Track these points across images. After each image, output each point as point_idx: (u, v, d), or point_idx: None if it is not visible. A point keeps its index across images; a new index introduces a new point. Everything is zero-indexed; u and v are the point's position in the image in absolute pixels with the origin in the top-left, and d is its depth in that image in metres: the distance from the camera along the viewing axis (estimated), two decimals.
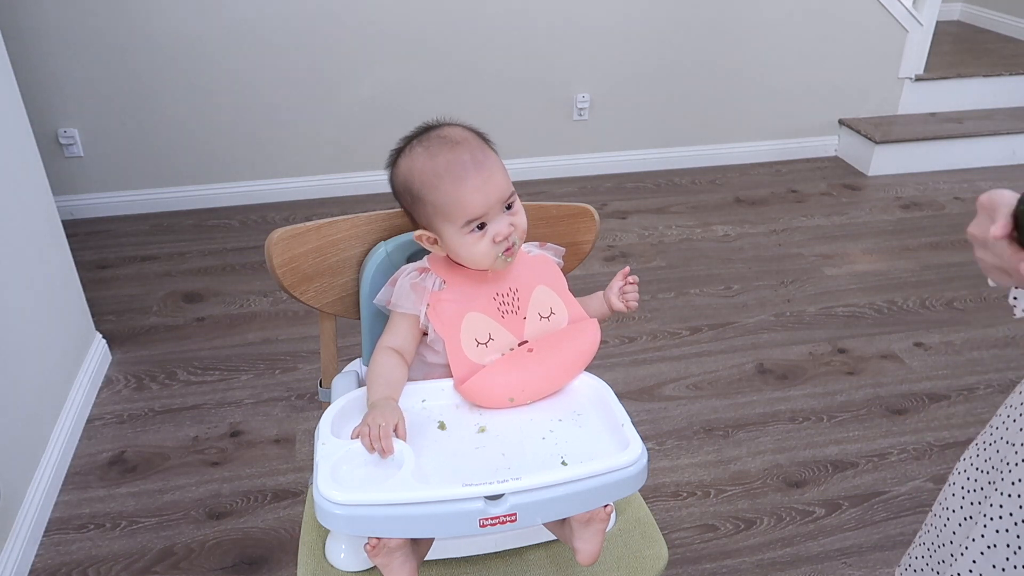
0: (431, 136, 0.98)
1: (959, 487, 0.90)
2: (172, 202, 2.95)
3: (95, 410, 1.96)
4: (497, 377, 0.97)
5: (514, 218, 0.96)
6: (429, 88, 2.96)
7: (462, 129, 0.99)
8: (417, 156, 0.96)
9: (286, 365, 2.13)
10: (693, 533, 1.64)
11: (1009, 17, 4.17)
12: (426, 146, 0.96)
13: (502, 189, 0.95)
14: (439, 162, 0.94)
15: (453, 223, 0.94)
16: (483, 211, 0.94)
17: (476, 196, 0.93)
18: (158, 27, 2.66)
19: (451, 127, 0.99)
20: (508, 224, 0.95)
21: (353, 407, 0.96)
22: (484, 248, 0.95)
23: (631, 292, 1.06)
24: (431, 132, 0.99)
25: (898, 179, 3.28)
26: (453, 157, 0.94)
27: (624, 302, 1.06)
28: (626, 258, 2.67)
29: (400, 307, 0.99)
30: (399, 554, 0.86)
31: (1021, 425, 0.80)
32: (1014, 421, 0.82)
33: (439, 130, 0.99)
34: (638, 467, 0.86)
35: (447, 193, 0.93)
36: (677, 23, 3.06)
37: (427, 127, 1.00)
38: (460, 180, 0.93)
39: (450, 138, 0.96)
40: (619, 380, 2.07)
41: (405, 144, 1.00)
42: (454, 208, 0.93)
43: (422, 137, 0.98)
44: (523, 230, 0.98)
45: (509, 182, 0.97)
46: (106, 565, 1.56)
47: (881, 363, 2.15)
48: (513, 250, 0.97)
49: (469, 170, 0.93)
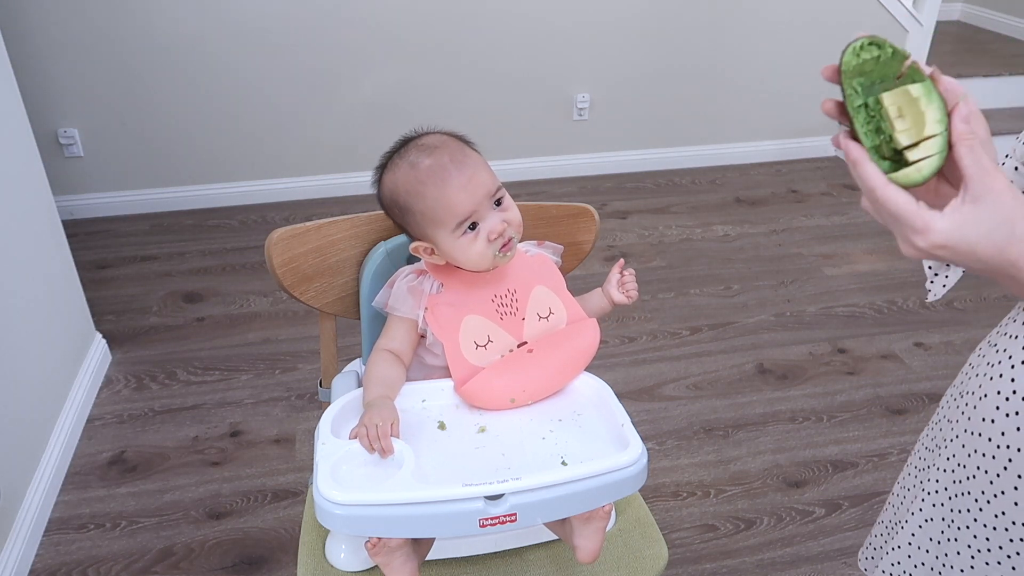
0: (409, 147, 0.98)
1: (912, 466, 0.90)
2: (172, 202, 2.95)
3: (95, 410, 1.96)
4: (497, 379, 0.96)
5: (505, 214, 0.96)
6: (429, 88, 2.96)
7: (440, 135, 1.00)
8: (399, 168, 0.97)
9: (286, 365, 2.13)
10: (693, 533, 1.64)
11: (1009, 17, 4.17)
12: (405, 157, 0.97)
13: (487, 185, 0.95)
14: (420, 170, 0.94)
15: (444, 227, 0.94)
16: (471, 209, 0.93)
17: (461, 195, 0.93)
18: (158, 27, 2.66)
19: (429, 135, 1.00)
20: (500, 221, 0.95)
21: (353, 407, 0.96)
22: (480, 248, 0.95)
23: (630, 282, 1.06)
24: (409, 144, 0.99)
25: None
26: (433, 162, 0.94)
27: (624, 292, 1.06)
28: (626, 258, 2.67)
29: (397, 311, 0.99)
30: (400, 554, 0.86)
31: (959, 403, 0.78)
32: (953, 399, 0.80)
33: (417, 140, 0.99)
34: (638, 467, 0.86)
35: (433, 198, 0.93)
36: (677, 23, 3.06)
37: (405, 140, 1.01)
38: (443, 183, 0.93)
39: (428, 145, 0.97)
40: (619, 380, 2.07)
41: (387, 160, 1.00)
42: (442, 211, 0.93)
43: (401, 150, 0.99)
44: (517, 224, 0.97)
45: (495, 178, 0.97)
46: (106, 565, 1.56)
47: (881, 363, 2.15)
48: (511, 245, 0.97)
49: (450, 171, 0.93)
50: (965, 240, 0.54)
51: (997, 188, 0.53)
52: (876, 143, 0.58)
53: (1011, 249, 0.53)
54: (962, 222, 0.54)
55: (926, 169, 0.56)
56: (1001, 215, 0.53)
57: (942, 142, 0.55)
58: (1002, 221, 0.53)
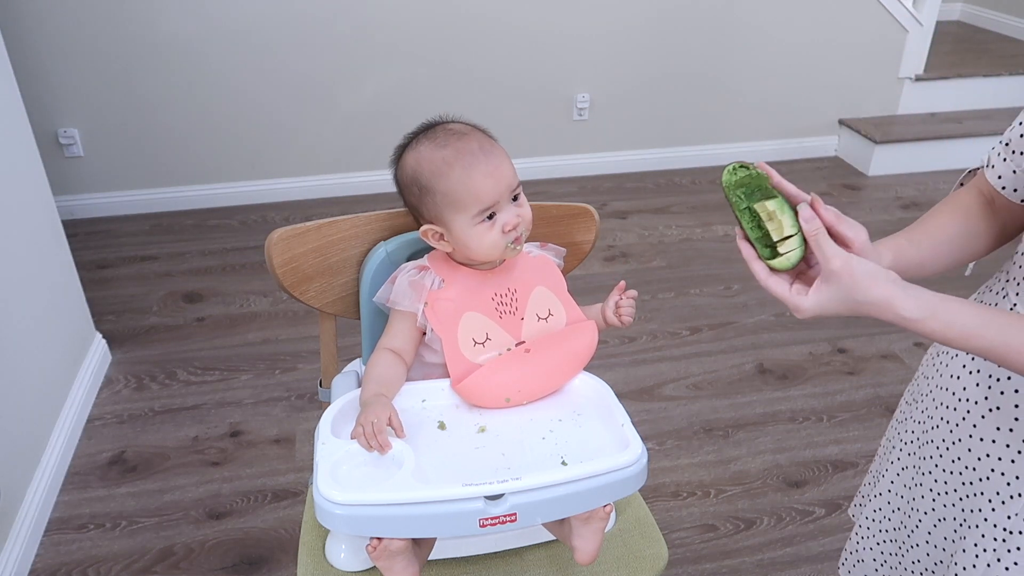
0: (436, 130, 0.98)
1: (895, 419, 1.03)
2: (172, 202, 2.95)
3: (95, 410, 1.96)
4: (494, 377, 0.96)
5: (520, 209, 0.97)
6: (429, 89, 2.96)
7: (466, 124, 1.00)
8: (424, 148, 0.97)
9: (286, 365, 2.13)
10: (693, 533, 1.64)
11: (1009, 17, 4.17)
12: (432, 138, 0.97)
13: (511, 178, 0.96)
14: (448, 151, 0.95)
15: (464, 212, 0.94)
16: (495, 199, 0.94)
17: (487, 182, 0.93)
18: (158, 28, 2.66)
19: (455, 122, 1.00)
20: (516, 215, 0.96)
21: (353, 407, 0.95)
22: (494, 238, 0.95)
23: (626, 306, 1.06)
24: (436, 127, 0.99)
25: (898, 179, 3.28)
26: (462, 146, 0.95)
27: (618, 316, 1.06)
28: (626, 258, 2.67)
29: (398, 304, 0.99)
30: (401, 558, 0.85)
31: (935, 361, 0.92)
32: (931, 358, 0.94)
33: (444, 125, 1.00)
34: (638, 467, 0.86)
35: (458, 180, 0.93)
36: (677, 23, 3.06)
37: (431, 124, 1.01)
38: (471, 167, 0.93)
39: (456, 130, 0.97)
40: (619, 380, 2.07)
41: (410, 140, 1.00)
42: (466, 195, 0.93)
43: (427, 132, 0.99)
44: (529, 221, 0.98)
45: (516, 173, 0.97)
46: (106, 565, 1.56)
47: (881, 363, 2.15)
48: (521, 240, 0.98)
49: (479, 157, 0.94)
50: (826, 310, 0.74)
51: (837, 269, 0.72)
52: (759, 236, 0.78)
53: (860, 309, 0.72)
54: (820, 299, 0.73)
55: (792, 258, 0.76)
56: (844, 291, 0.72)
57: (799, 239, 0.75)
58: (846, 294, 0.72)
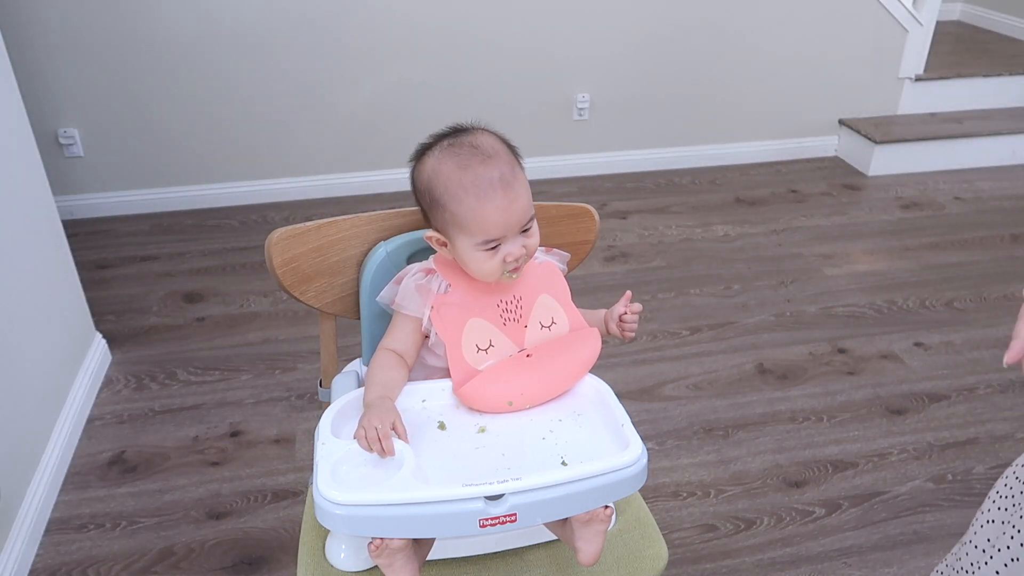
0: (462, 142, 0.94)
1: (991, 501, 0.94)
2: (172, 202, 2.95)
3: (95, 410, 1.96)
4: (496, 381, 0.96)
5: (528, 240, 0.95)
6: (429, 88, 2.95)
7: (495, 140, 0.97)
8: (444, 161, 0.94)
9: (286, 365, 2.13)
10: (693, 533, 1.64)
11: (1009, 17, 4.17)
12: (456, 152, 0.93)
13: (523, 213, 0.93)
14: (467, 176, 0.91)
15: (469, 237, 0.93)
16: (502, 233, 0.93)
17: (498, 217, 0.91)
18: (158, 27, 2.66)
19: (484, 134, 0.96)
20: (521, 246, 0.94)
21: (353, 407, 0.96)
22: (493, 266, 0.95)
23: (629, 320, 1.05)
24: (462, 137, 0.95)
25: (898, 179, 3.28)
26: (482, 172, 0.91)
27: (620, 330, 1.06)
28: (626, 258, 2.67)
29: (404, 308, 0.99)
30: (401, 555, 0.85)
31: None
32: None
33: (472, 136, 0.95)
34: (638, 467, 0.86)
35: (470, 208, 0.91)
36: (677, 23, 3.06)
37: (459, 129, 0.97)
38: (485, 199, 0.91)
39: (482, 150, 0.93)
40: (619, 380, 2.07)
41: (435, 142, 0.97)
42: (473, 225, 0.92)
43: (453, 140, 0.95)
44: (534, 248, 0.97)
45: (531, 204, 0.95)
46: (106, 565, 1.56)
47: (881, 363, 2.15)
48: (521, 268, 0.97)
49: (496, 190, 0.91)
50: None
51: None
52: None
53: None
54: None
55: None
56: None
57: None
58: None
